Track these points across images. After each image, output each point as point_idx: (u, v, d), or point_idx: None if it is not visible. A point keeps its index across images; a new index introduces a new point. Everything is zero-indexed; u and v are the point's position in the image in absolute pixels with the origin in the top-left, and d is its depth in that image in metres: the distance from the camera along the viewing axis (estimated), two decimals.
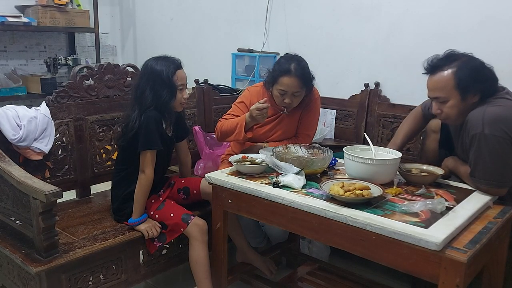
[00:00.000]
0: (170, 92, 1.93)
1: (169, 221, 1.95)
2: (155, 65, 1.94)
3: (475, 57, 1.75)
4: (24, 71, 3.93)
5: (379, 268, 2.26)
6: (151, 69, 1.94)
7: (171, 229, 1.96)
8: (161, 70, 1.92)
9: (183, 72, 2.00)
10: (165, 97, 1.92)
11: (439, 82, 1.73)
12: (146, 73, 1.96)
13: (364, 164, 1.70)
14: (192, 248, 1.96)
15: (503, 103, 1.68)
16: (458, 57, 1.74)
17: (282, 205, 1.64)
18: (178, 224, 1.94)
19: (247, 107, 2.29)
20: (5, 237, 1.82)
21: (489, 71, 1.73)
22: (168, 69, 1.93)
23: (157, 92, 1.92)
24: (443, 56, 1.76)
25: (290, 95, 2.16)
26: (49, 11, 3.75)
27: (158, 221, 1.96)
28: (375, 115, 2.81)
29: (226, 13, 3.68)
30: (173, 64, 1.95)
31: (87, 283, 1.78)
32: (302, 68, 2.15)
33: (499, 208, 1.63)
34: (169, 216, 1.96)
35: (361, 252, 1.48)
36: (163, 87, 1.92)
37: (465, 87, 1.69)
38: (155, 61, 1.96)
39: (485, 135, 1.61)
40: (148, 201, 2.00)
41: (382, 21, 2.81)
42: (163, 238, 1.97)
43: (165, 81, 1.92)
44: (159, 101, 1.92)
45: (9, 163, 1.79)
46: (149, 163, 1.91)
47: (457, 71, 1.69)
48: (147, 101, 1.91)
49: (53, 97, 2.18)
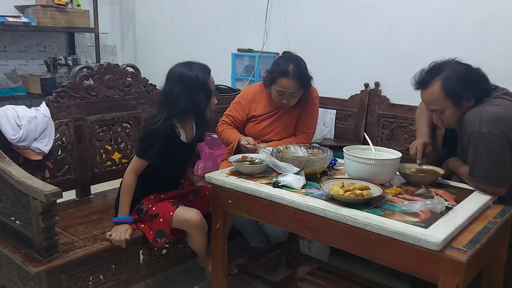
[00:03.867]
0: (206, 97, 1.93)
1: (162, 210, 1.92)
2: (188, 71, 1.91)
3: (460, 63, 1.76)
4: (24, 71, 3.93)
5: (379, 268, 2.26)
6: (185, 75, 1.91)
7: (162, 217, 1.90)
8: (196, 75, 1.90)
9: (212, 77, 2.00)
10: (203, 102, 1.91)
11: (430, 97, 1.76)
12: (180, 79, 1.91)
13: (364, 164, 1.70)
14: (189, 237, 1.98)
15: (501, 103, 1.68)
16: (442, 67, 1.75)
17: (282, 205, 1.64)
18: (168, 209, 1.91)
19: (243, 106, 2.36)
20: (5, 237, 1.82)
21: (477, 74, 1.74)
22: (203, 74, 1.92)
23: (195, 98, 1.89)
24: (428, 69, 1.78)
25: (288, 95, 2.21)
26: (49, 11, 3.75)
27: (154, 214, 1.93)
28: (375, 115, 2.81)
29: (226, 13, 3.68)
30: (206, 70, 1.96)
31: (87, 283, 1.78)
32: (300, 70, 2.17)
33: (499, 208, 1.63)
34: (165, 206, 1.94)
35: (361, 252, 1.49)
36: (200, 92, 1.90)
37: (456, 95, 1.71)
38: (187, 66, 1.93)
39: (482, 134, 1.62)
40: (148, 198, 1.98)
41: (382, 21, 2.80)
42: (162, 234, 1.92)
43: (202, 85, 1.91)
44: (197, 107, 1.91)
45: (9, 163, 1.79)
46: (135, 169, 1.91)
47: (443, 82, 1.71)
48: (181, 107, 1.89)
49: (53, 97, 2.18)
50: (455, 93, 1.70)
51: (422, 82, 1.77)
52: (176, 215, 1.90)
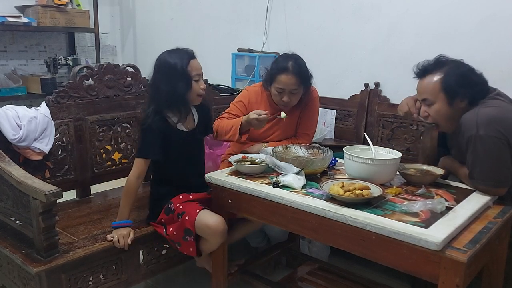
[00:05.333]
0: (185, 84, 1.87)
1: (189, 208, 1.87)
2: (168, 58, 1.89)
3: (464, 63, 1.78)
4: (24, 71, 3.93)
5: (379, 268, 2.26)
6: (164, 63, 1.89)
7: (188, 214, 1.85)
8: (174, 62, 1.86)
9: (197, 62, 1.94)
10: (181, 88, 1.86)
11: (427, 85, 1.77)
12: (159, 68, 1.90)
13: (364, 164, 1.70)
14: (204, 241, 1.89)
15: (495, 104, 1.70)
16: (447, 62, 1.78)
17: (282, 205, 1.64)
18: (195, 207, 1.86)
19: (245, 106, 2.31)
20: (5, 237, 1.82)
21: (478, 77, 1.76)
22: (182, 60, 1.87)
23: (173, 86, 1.86)
24: (433, 60, 1.80)
25: (288, 92, 2.18)
26: (49, 11, 3.75)
27: (181, 212, 1.87)
28: (375, 115, 2.81)
29: (226, 13, 3.68)
30: (186, 55, 1.90)
31: (87, 283, 1.78)
32: (299, 66, 2.16)
33: (499, 208, 1.63)
34: (192, 205, 1.89)
35: (361, 252, 1.49)
36: (178, 80, 1.86)
37: (452, 91, 1.72)
38: (168, 54, 1.91)
39: (480, 136, 1.62)
40: (177, 197, 1.95)
41: (382, 21, 2.81)
42: (189, 232, 1.86)
43: (179, 72, 1.86)
44: (175, 95, 1.86)
45: (9, 163, 1.79)
46: (137, 171, 1.89)
47: (445, 76, 1.73)
48: (163, 96, 1.87)
49: (53, 97, 2.18)
50: (451, 88, 1.72)
51: (424, 70, 1.79)
52: (199, 216, 1.82)
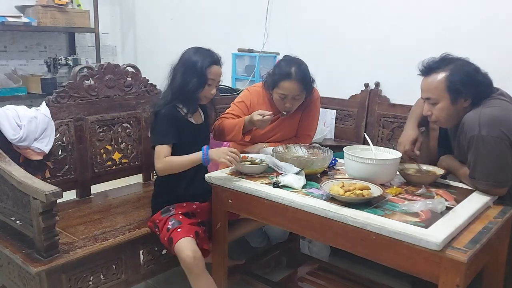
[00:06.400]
0: (199, 82, 1.91)
1: (184, 227, 1.85)
2: (193, 54, 1.94)
3: (470, 62, 1.77)
4: (24, 71, 3.93)
5: (379, 268, 2.25)
6: (188, 57, 1.95)
7: (180, 232, 1.82)
8: (196, 60, 1.91)
9: (219, 69, 1.98)
10: (193, 85, 1.90)
11: (431, 83, 1.75)
12: (182, 59, 1.96)
13: (364, 164, 1.70)
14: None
15: (498, 104, 1.69)
16: (452, 60, 1.76)
17: (282, 205, 1.64)
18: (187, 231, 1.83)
19: (247, 107, 2.30)
20: (5, 237, 1.82)
21: (483, 77, 1.75)
22: (204, 60, 1.91)
23: (186, 79, 1.91)
24: (438, 58, 1.79)
25: (291, 99, 2.17)
26: (49, 11, 3.75)
27: (177, 220, 1.86)
28: (375, 115, 2.81)
29: (226, 13, 3.68)
30: (211, 58, 1.94)
31: (87, 283, 1.78)
32: (302, 72, 2.15)
33: (499, 208, 1.63)
34: (188, 225, 1.87)
35: (361, 252, 1.49)
36: (193, 76, 1.90)
37: (456, 90, 1.71)
38: (195, 50, 1.96)
39: (482, 137, 1.62)
40: (180, 204, 1.94)
41: (382, 21, 2.81)
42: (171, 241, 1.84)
43: (197, 70, 1.90)
44: (186, 89, 1.90)
45: (9, 163, 1.79)
46: (159, 157, 1.87)
47: (449, 74, 1.72)
48: (175, 86, 1.92)
49: (53, 97, 2.18)
50: (456, 87, 1.70)
51: (429, 68, 1.77)
52: (177, 245, 1.79)
